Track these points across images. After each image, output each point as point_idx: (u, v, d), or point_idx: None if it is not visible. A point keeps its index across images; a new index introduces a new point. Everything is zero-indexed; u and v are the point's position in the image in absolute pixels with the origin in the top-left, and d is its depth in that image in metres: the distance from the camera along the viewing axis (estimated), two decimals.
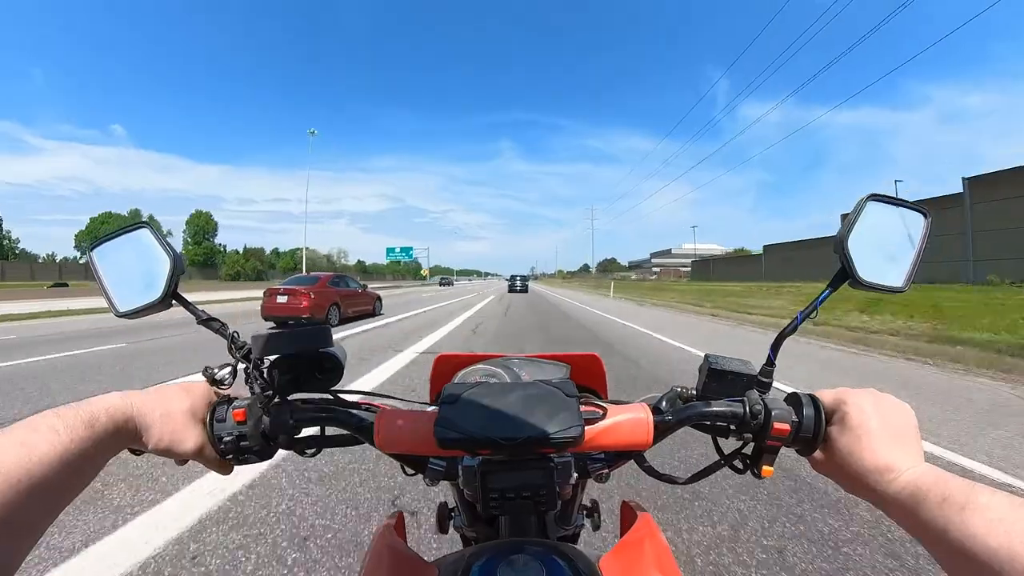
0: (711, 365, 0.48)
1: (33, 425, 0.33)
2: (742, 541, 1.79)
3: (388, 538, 0.49)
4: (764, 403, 0.45)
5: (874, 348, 6.75)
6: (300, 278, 10.37)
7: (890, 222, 0.47)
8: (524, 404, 0.43)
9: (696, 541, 1.80)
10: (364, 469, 2.41)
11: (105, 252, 0.50)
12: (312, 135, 39.67)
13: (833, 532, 1.84)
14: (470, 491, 0.49)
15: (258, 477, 2.28)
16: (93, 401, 0.37)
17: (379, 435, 0.46)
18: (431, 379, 0.70)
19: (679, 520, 1.95)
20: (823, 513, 1.99)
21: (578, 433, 0.41)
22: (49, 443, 0.32)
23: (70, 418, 0.35)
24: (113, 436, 0.37)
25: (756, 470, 0.46)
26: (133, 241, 0.49)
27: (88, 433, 0.35)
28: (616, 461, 0.54)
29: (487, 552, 0.45)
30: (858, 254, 0.45)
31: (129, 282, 0.49)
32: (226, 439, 0.44)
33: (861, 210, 0.46)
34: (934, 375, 4.98)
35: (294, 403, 0.48)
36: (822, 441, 0.42)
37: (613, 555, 0.45)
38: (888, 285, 0.45)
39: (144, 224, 0.49)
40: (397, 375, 4.80)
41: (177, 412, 0.42)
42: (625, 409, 0.46)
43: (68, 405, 0.36)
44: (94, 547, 1.71)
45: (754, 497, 2.10)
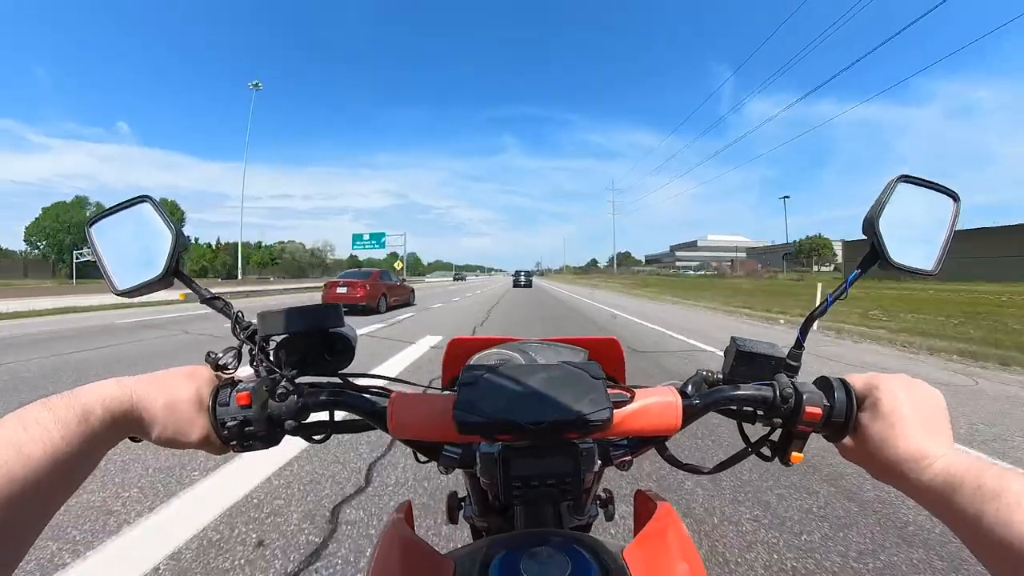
0: (738, 347, 0.48)
1: (22, 421, 0.31)
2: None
3: (399, 529, 0.48)
4: (795, 386, 0.44)
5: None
6: (355, 272, 13.17)
7: (920, 204, 0.47)
8: (549, 386, 0.42)
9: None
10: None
11: (104, 228, 0.49)
12: (255, 88, 35.53)
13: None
14: (488, 479, 0.48)
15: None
16: (87, 391, 0.36)
17: (392, 420, 0.45)
18: (443, 364, 0.69)
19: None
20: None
21: (608, 416, 0.40)
22: (39, 442, 0.31)
23: (61, 412, 0.33)
24: (110, 428, 0.36)
25: (785, 457, 0.46)
26: (133, 216, 0.48)
27: (82, 428, 0.33)
28: (639, 448, 0.54)
29: (506, 544, 0.44)
30: (889, 236, 0.45)
31: (129, 259, 0.48)
32: (229, 424, 0.42)
33: (892, 191, 0.46)
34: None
35: (302, 386, 0.46)
36: (853, 427, 0.42)
37: (636, 546, 0.45)
38: (919, 268, 0.46)
39: (145, 198, 0.48)
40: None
41: (182, 400, 0.41)
42: (653, 392, 0.46)
43: (60, 395, 0.34)
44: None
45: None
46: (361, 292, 11.59)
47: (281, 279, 52.98)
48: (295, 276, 65.80)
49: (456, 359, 0.67)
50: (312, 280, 48.04)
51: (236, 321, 0.47)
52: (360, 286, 11.68)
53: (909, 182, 0.46)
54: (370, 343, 6.80)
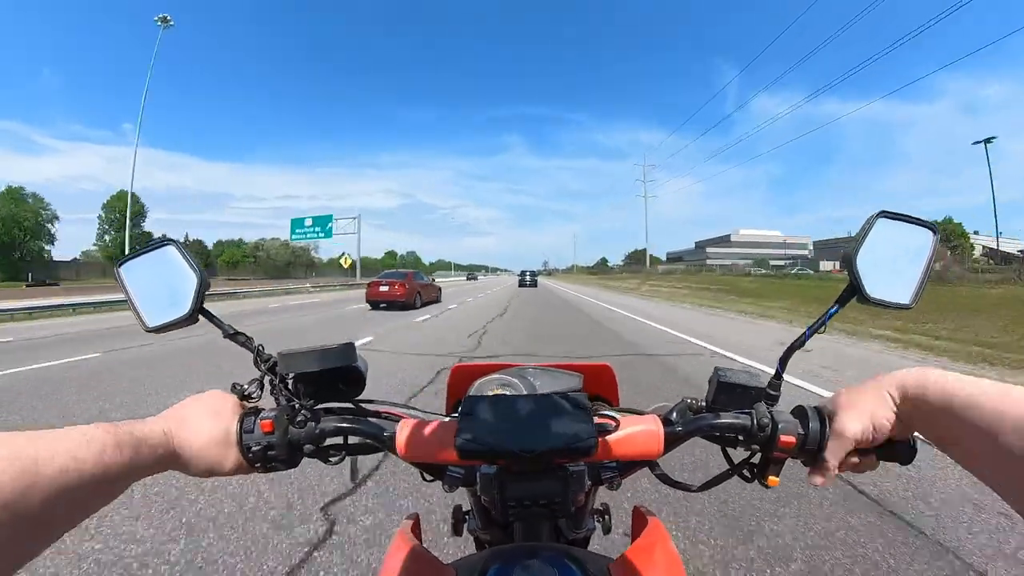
0: (720, 378, 0.53)
1: (82, 436, 0.37)
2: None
3: (407, 540, 0.55)
4: (771, 416, 0.49)
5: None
6: (393, 272, 15.61)
7: (899, 239, 0.51)
8: (540, 416, 0.48)
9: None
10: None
11: (132, 268, 0.55)
12: (164, 24, 30.55)
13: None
14: (487, 498, 0.54)
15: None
16: (139, 426, 0.42)
17: (400, 445, 0.51)
18: (448, 388, 0.76)
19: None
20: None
21: (592, 444, 0.45)
22: (95, 455, 0.36)
23: (119, 438, 0.39)
24: (149, 463, 0.42)
25: (763, 480, 0.51)
26: (159, 258, 0.54)
27: (128, 457, 0.39)
28: (628, 469, 0.60)
29: (503, 556, 0.50)
30: (866, 271, 0.49)
31: (156, 298, 0.54)
32: (254, 448, 0.49)
33: (870, 227, 0.50)
34: None
35: (319, 413, 0.53)
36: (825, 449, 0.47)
37: (623, 560, 0.50)
38: (895, 302, 0.50)
39: (170, 241, 0.55)
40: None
41: (214, 440, 0.47)
42: (637, 420, 0.51)
43: (116, 424, 0.40)
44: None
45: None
46: (400, 290, 13.91)
47: (260, 280, 49.84)
48: (275, 276, 61.97)
49: (459, 384, 0.74)
50: (294, 281, 45.73)
51: (258, 355, 0.54)
52: (399, 285, 14.04)
53: (888, 217, 0.50)
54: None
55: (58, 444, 0.34)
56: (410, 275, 14.92)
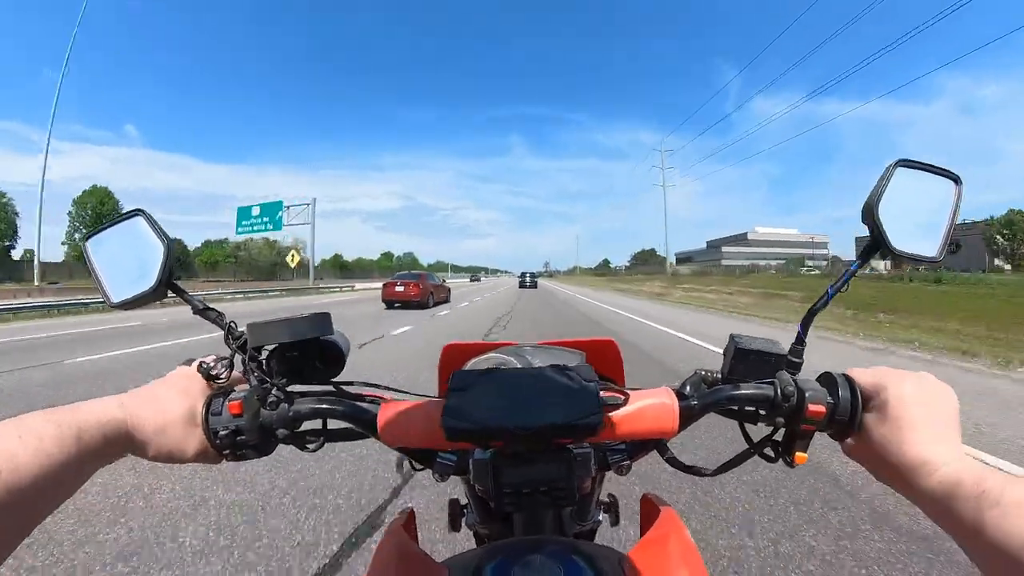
0: (736, 345, 0.49)
1: (19, 430, 0.33)
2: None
3: (397, 537, 0.51)
4: (796, 384, 0.45)
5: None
6: (407, 274, 16.98)
7: (921, 188, 0.48)
8: (539, 390, 0.43)
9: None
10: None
11: (100, 242, 0.52)
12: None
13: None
14: (482, 486, 0.49)
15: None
16: (87, 408, 0.38)
17: (383, 428, 0.47)
18: (439, 369, 0.72)
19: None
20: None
21: (599, 420, 0.41)
22: (33, 453, 0.32)
23: (63, 426, 0.35)
24: (105, 448, 0.38)
25: (788, 457, 0.46)
26: (128, 230, 0.51)
27: (77, 447, 0.35)
28: (638, 452, 0.55)
29: (501, 551, 0.46)
30: (889, 222, 0.46)
31: (123, 272, 0.51)
32: (222, 433, 0.45)
33: (890, 176, 0.47)
34: None
35: (293, 395, 0.49)
36: (859, 426, 0.43)
37: (637, 553, 0.46)
38: (922, 255, 0.47)
39: (139, 212, 0.51)
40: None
41: (176, 419, 0.44)
42: (648, 394, 0.47)
43: (61, 409, 0.37)
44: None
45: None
46: (415, 290, 15.38)
47: (238, 282, 46.99)
48: (259, 278, 59.05)
49: (451, 365, 0.69)
50: (279, 283, 43.98)
51: (228, 331, 0.49)
52: (413, 285, 15.49)
53: (908, 166, 0.48)
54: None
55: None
56: (423, 276, 16.59)
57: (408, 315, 12.83)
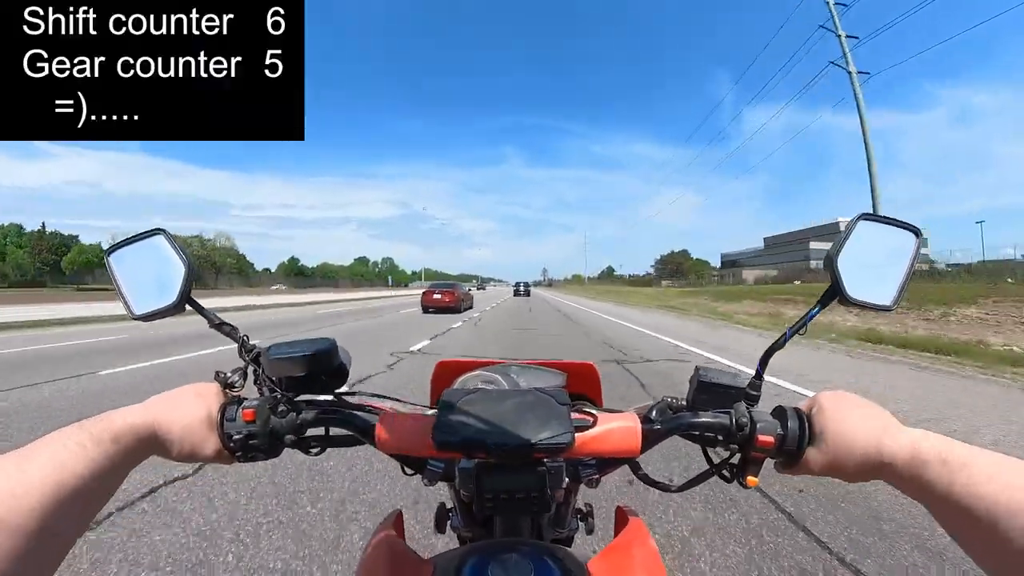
0: (700, 377, 0.54)
1: (62, 440, 0.38)
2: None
3: (386, 536, 0.56)
4: (750, 415, 0.51)
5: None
6: (442, 284, 20.78)
7: (881, 240, 0.52)
8: (517, 411, 0.49)
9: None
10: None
11: (121, 257, 0.57)
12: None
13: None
14: (466, 492, 0.56)
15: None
16: (117, 415, 0.43)
17: (379, 437, 0.53)
18: (431, 383, 0.79)
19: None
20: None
21: (568, 440, 0.47)
22: (78, 458, 0.37)
23: (97, 433, 0.40)
24: (136, 449, 0.43)
25: (742, 480, 0.52)
26: (149, 247, 0.56)
27: (114, 448, 0.40)
28: (607, 467, 0.61)
29: (480, 551, 0.51)
30: (848, 272, 0.50)
31: (144, 286, 0.56)
32: (235, 437, 0.51)
33: (852, 229, 0.51)
34: None
35: (300, 404, 0.55)
36: (807, 447, 0.48)
37: (601, 558, 0.51)
38: (876, 303, 0.51)
39: (160, 231, 0.56)
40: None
41: (196, 422, 0.49)
42: (615, 418, 0.53)
43: (94, 419, 0.42)
44: None
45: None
46: (449, 298, 18.94)
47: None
48: (217, 288, 51.03)
49: (443, 379, 0.76)
50: (209, 292, 35.33)
51: (242, 345, 0.56)
52: (448, 294, 19.15)
53: (870, 219, 0.52)
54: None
55: (40, 455, 0.35)
56: (455, 286, 20.35)
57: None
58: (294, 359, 0.51)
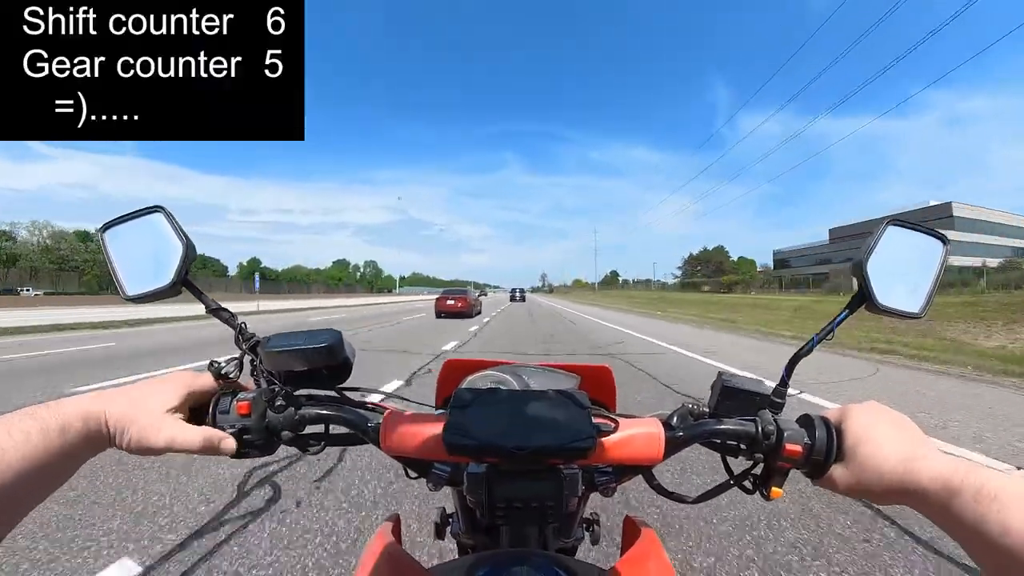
0: (724, 383, 0.52)
1: (6, 427, 0.35)
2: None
3: (385, 540, 0.54)
4: (777, 423, 0.49)
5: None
6: (455, 290, 22.73)
7: (909, 247, 0.51)
8: (536, 412, 0.47)
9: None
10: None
11: (117, 234, 0.54)
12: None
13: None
14: (474, 498, 0.52)
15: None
16: (68, 403, 0.40)
17: (385, 437, 0.50)
18: (438, 383, 0.75)
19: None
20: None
21: (591, 444, 0.44)
22: (20, 448, 0.35)
23: (45, 421, 0.37)
24: (86, 442, 0.40)
25: (765, 491, 0.50)
26: (146, 225, 0.53)
27: (61, 440, 0.38)
28: (623, 475, 0.59)
29: (488, 562, 0.49)
30: (876, 278, 0.49)
31: (140, 266, 0.52)
32: (228, 431, 0.48)
33: (881, 234, 0.50)
34: None
35: (299, 399, 0.52)
36: (834, 462, 0.46)
37: (617, 570, 0.49)
38: (905, 310, 0.50)
39: (158, 208, 0.53)
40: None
41: (163, 416, 0.45)
42: (637, 423, 0.51)
43: (44, 406, 0.39)
44: None
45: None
46: (462, 303, 20.44)
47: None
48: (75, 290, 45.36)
49: (450, 379, 0.73)
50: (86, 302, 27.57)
51: (240, 332, 0.52)
52: (461, 300, 20.62)
53: (899, 226, 0.51)
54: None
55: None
56: (467, 292, 22.14)
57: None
58: (295, 352, 0.48)
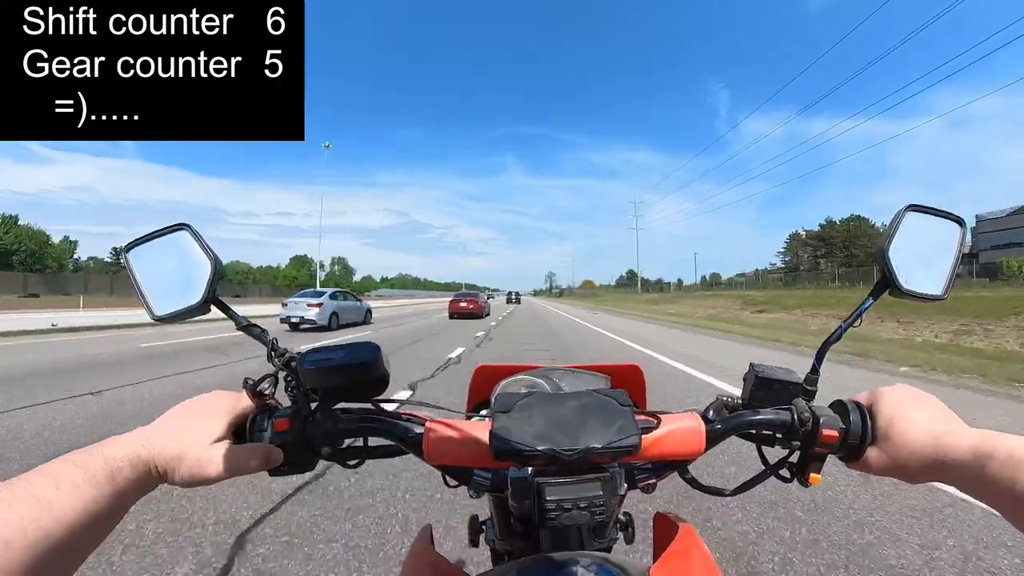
0: (757, 374, 0.54)
1: (52, 478, 0.35)
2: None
3: (426, 550, 0.54)
4: (812, 410, 0.50)
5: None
6: (466, 293, 26.29)
7: (928, 231, 0.53)
8: (580, 414, 0.48)
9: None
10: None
11: (141, 253, 0.54)
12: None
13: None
14: (517, 503, 0.52)
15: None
16: (111, 448, 0.40)
17: (428, 447, 0.50)
18: (470, 388, 0.76)
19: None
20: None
21: (636, 442, 0.45)
22: (69, 498, 0.34)
23: (92, 469, 0.37)
24: (135, 485, 0.40)
25: (803, 478, 0.51)
26: (171, 243, 0.53)
27: (110, 487, 0.37)
28: (663, 472, 0.60)
29: (535, 566, 0.49)
30: (898, 263, 0.51)
31: (167, 285, 0.52)
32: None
33: (900, 220, 0.52)
34: None
35: (336, 412, 0.52)
36: (868, 445, 0.47)
37: (661, 566, 0.50)
38: (928, 293, 0.52)
39: (184, 226, 0.53)
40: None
41: (207, 447, 0.45)
42: (678, 418, 0.52)
43: (88, 451, 0.39)
44: None
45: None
46: (474, 305, 23.26)
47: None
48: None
49: (482, 385, 0.74)
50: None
51: (272, 348, 0.52)
52: (472, 302, 23.49)
53: (917, 211, 0.53)
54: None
55: (22, 498, 0.32)
56: (477, 295, 25.23)
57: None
58: (335, 368, 0.48)
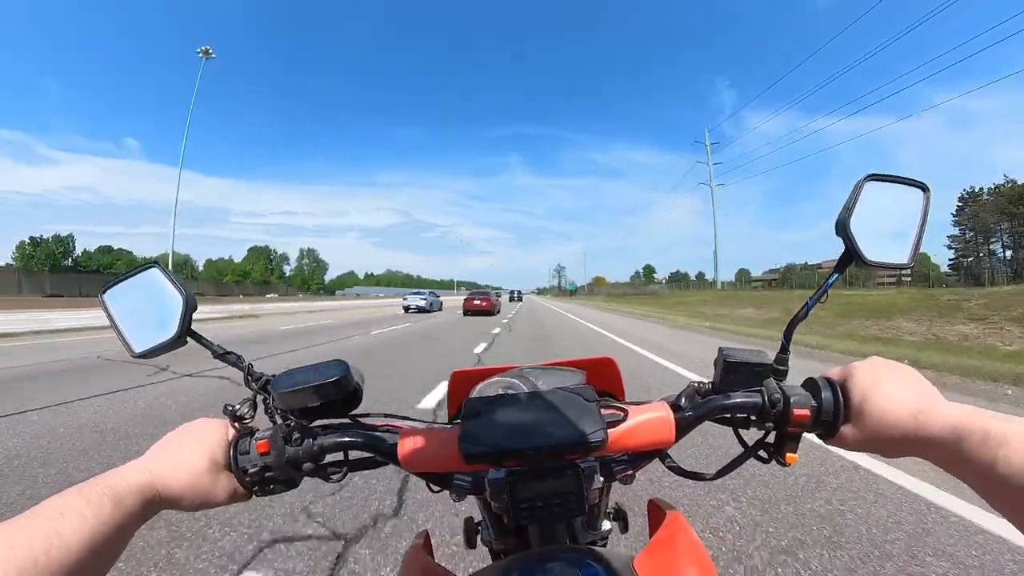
0: (725, 358, 0.54)
1: (59, 510, 0.37)
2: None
3: (420, 557, 0.56)
4: (782, 391, 0.51)
5: None
6: (479, 292, 29.13)
7: (890, 200, 0.53)
8: (545, 412, 0.49)
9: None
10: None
11: (116, 295, 0.56)
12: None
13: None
14: (498, 503, 0.54)
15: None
16: (115, 477, 0.42)
17: (403, 456, 0.52)
18: (448, 396, 0.78)
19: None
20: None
21: (601, 437, 0.46)
22: (76, 529, 0.36)
23: (96, 499, 0.39)
24: (139, 513, 0.42)
25: (780, 458, 0.52)
26: (143, 281, 0.55)
27: (117, 515, 0.39)
28: (640, 462, 0.61)
29: (519, 564, 0.50)
30: (861, 235, 0.51)
31: (143, 322, 0.55)
32: (251, 471, 0.50)
33: (860, 191, 0.51)
34: None
35: (315, 430, 0.54)
36: (843, 421, 0.47)
37: (646, 554, 0.50)
38: (894, 262, 0.52)
39: (153, 264, 0.55)
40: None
41: (200, 471, 0.47)
42: (646, 409, 0.52)
43: (92, 483, 0.40)
44: None
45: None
46: (487, 303, 25.25)
47: None
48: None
49: (459, 390, 0.75)
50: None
51: (248, 373, 0.54)
52: (485, 299, 25.59)
53: (877, 179, 0.52)
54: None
55: (32, 528, 0.34)
56: (489, 294, 27.31)
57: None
58: (306, 390, 0.50)
